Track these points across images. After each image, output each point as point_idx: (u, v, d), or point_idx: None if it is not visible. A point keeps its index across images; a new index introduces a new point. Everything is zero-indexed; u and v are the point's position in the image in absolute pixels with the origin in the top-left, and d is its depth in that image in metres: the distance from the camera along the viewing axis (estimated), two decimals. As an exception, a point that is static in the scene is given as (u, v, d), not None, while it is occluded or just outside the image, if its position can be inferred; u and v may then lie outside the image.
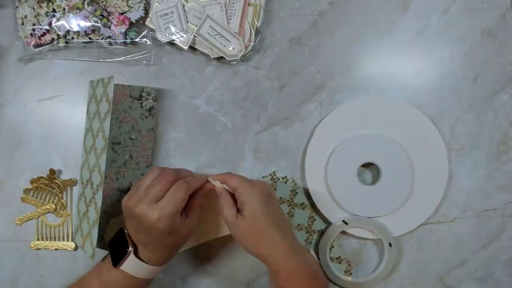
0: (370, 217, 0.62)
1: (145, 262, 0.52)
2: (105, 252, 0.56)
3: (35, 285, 0.65)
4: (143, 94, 0.63)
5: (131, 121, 0.63)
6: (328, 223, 0.64)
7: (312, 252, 0.64)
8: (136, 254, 0.52)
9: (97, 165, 0.57)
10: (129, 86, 0.63)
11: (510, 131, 0.65)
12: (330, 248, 0.63)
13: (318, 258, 0.63)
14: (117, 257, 0.52)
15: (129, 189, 0.62)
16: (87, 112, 0.62)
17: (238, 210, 0.51)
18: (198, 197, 0.53)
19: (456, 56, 0.65)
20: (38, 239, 0.65)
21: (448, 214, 0.65)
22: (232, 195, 0.52)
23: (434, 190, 0.63)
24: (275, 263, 0.51)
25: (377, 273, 0.63)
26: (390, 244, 0.62)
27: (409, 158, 0.62)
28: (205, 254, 0.65)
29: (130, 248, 0.51)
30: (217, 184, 0.54)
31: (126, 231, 0.53)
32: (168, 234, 0.50)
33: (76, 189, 0.65)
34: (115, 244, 0.54)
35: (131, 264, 0.52)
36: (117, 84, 0.62)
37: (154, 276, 0.55)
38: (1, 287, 0.65)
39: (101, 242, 0.61)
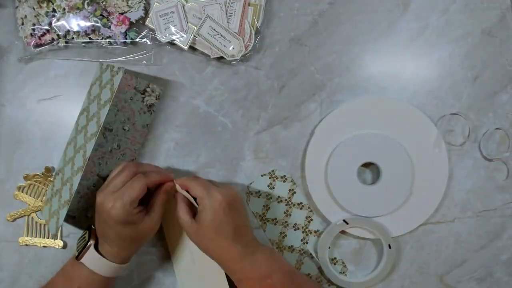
0: (370, 217, 0.62)
1: (105, 257, 0.54)
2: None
3: (35, 285, 0.65)
4: (148, 89, 0.63)
5: (129, 113, 0.63)
6: (327, 223, 0.64)
7: (312, 251, 0.64)
8: (97, 249, 0.54)
9: (83, 148, 0.57)
10: (137, 77, 0.63)
11: (510, 131, 0.65)
12: (329, 248, 0.63)
13: (317, 257, 0.63)
14: (81, 251, 0.55)
15: (107, 176, 0.63)
16: (88, 92, 0.61)
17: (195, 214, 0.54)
18: (159, 194, 0.55)
19: (456, 56, 0.65)
20: (27, 236, 0.65)
21: (448, 214, 0.65)
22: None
23: (434, 190, 0.63)
24: (224, 267, 0.54)
25: (375, 273, 0.63)
26: (389, 246, 0.62)
27: (409, 158, 0.62)
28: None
29: (90, 242, 0.54)
30: (178, 188, 0.55)
31: (93, 226, 0.56)
32: (123, 224, 0.52)
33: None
34: (81, 238, 0.57)
35: (91, 258, 0.54)
36: (126, 71, 0.62)
37: (115, 274, 0.56)
38: (1, 287, 0.65)
39: (73, 222, 0.62)
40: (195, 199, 0.54)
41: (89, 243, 0.55)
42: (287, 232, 0.64)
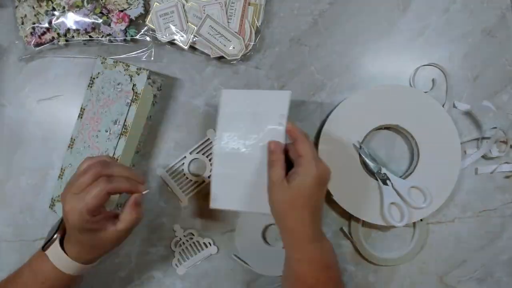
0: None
1: (68, 255, 0.50)
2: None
3: (35, 285, 0.65)
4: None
5: None
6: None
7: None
8: (63, 243, 0.51)
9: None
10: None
11: (510, 131, 0.64)
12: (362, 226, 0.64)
13: (351, 237, 0.63)
14: (47, 241, 0.52)
15: None
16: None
17: (286, 175, 0.50)
18: (128, 207, 0.50)
19: (456, 56, 0.65)
20: None
21: (448, 214, 0.65)
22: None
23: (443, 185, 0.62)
24: (295, 239, 0.50)
25: (408, 249, 0.64)
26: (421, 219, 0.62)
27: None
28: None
29: (57, 234, 0.51)
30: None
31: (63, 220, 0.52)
32: (78, 231, 0.48)
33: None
34: (52, 229, 0.53)
35: (54, 252, 0.51)
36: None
37: (79, 273, 0.52)
38: (1, 287, 0.65)
39: None
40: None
41: (55, 236, 0.51)
42: None
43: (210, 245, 0.64)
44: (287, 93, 0.55)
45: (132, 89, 0.59)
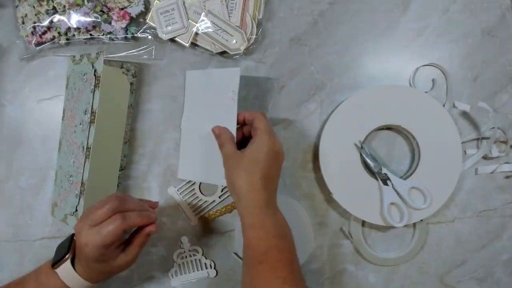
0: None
1: (79, 274, 0.52)
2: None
3: (35, 285, 0.65)
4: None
5: None
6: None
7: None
8: (74, 262, 0.52)
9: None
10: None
11: (510, 131, 0.65)
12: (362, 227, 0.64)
13: (352, 237, 0.63)
14: (58, 260, 0.53)
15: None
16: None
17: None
18: (139, 236, 0.54)
19: (456, 56, 0.65)
20: None
21: (448, 214, 0.65)
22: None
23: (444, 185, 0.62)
24: (246, 205, 0.51)
25: (408, 249, 0.64)
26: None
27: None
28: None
29: (68, 255, 0.52)
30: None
31: (75, 238, 0.53)
32: (94, 261, 0.50)
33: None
34: (62, 246, 0.54)
35: (65, 271, 0.52)
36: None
37: None
38: (1, 287, 0.65)
39: None
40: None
41: (67, 256, 0.52)
42: None
43: (211, 267, 0.64)
44: (236, 70, 0.58)
45: (94, 74, 0.58)
